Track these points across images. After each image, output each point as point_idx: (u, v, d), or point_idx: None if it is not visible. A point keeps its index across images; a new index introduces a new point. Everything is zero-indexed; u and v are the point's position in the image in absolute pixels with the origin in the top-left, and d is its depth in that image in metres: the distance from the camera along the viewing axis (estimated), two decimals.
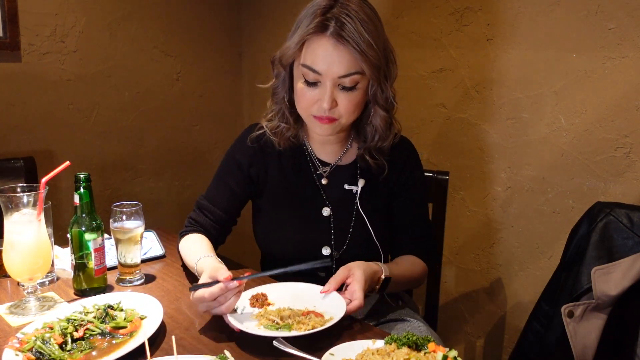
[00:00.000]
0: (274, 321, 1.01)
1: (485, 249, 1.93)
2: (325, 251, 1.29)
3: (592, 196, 1.62)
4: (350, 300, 1.06)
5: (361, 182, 1.29)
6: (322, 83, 1.15)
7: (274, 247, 1.35)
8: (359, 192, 1.29)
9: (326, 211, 1.29)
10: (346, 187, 1.30)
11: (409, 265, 1.30)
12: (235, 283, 0.98)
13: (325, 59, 1.12)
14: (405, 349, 0.87)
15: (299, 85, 1.19)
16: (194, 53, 2.63)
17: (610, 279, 1.14)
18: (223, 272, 0.99)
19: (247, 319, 1.04)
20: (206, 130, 2.75)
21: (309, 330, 0.98)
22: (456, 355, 0.84)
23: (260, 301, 1.10)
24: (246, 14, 2.77)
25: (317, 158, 1.33)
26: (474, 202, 1.94)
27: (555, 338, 1.24)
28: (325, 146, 1.33)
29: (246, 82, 2.86)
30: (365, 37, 1.11)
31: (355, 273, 1.09)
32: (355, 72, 1.14)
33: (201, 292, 0.98)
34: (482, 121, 1.87)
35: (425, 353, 0.86)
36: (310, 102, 1.18)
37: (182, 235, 1.34)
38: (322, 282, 1.30)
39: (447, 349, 0.86)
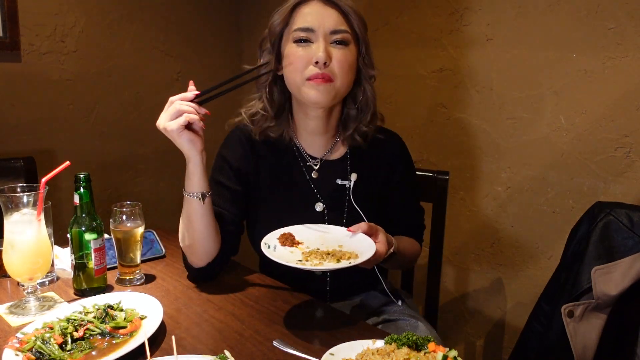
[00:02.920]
0: (322, 257, 1.04)
1: (485, 249, 1.93)
2: None
3: (592, 196, 1.62)
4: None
5: (354, 177, 1.29)
6: (315, 40, 1.18)
7: None
8: (351, 187, 1.28)
9: (319, 206, 1.28)
10: (339, 182, 1.29)
11: (409, 244, 1.34)
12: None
13: (315, 16, 1.18)
14: (405, 349, 0.87)
15: (290, 49, 1.20)
16: (194, 53, 2.63)
17: (610, 279, 1.14)
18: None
19: (287, 256, 1.06)
20: (206, 130, 2.73)
21: (355, 261, 1.02)
22: (456, 355, 0.84)
23: (290, 240, 1.11)
24: (246, 14, 2.78)
25: (305, 152, 1.32)
26: (474, 202, 1.94)
27: (555, 338, 1.24)
28: (314, 138, 1.31)
29: None
30: (349, 2, 1.21)
31: (379, 228, 1.13)
32: (345, 31, 1.19)
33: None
34: (482, 121, 1.87)
35: (425, 353, 0.86)
36: (303, 62, 1.18)
37: None
38: (312, 283, 1.29)
39: (447, 349, 0.86)
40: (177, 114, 1.10)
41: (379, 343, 0.91)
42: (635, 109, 1.52)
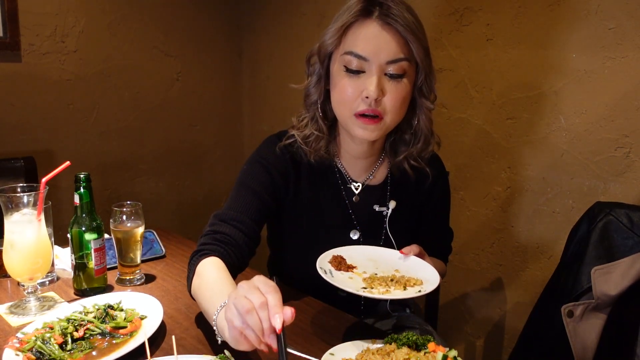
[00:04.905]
0: (386, 283, 0.99)
1: (485, 249, 1.93)
2: None
3: (592, 196, 1.62)
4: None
5: (392, 204, 1.23)
6: (368, 71, 1.06)
7: (299, 268, 1.24)
8: (389, 214, 1.23)
9: (355, 234, 1.23)
10: (376, 208, 1.23)
11: (438, 266, 1.27)
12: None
13: (371, 42, 1.05)
14: (405, 349, 0.87)
15: (340, 78, 1.09)
16: (194, 53, 2.63)
17: (610, 279, 1.14)
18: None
19: (348, 282, 0.99)
20: (206, 130, 2.75)
21: (424, 289, 0.96)
22: (456, 355, 0.84)
23: (344, 265, 1.06)
24: (246, 14, 2.78)
25: (347, 175, 1.25)
26: (474, 202, 1.94)
27: (555, 338, 1.23)
28: (357, 162, 1.24)
29: (246, 82, 2.86)
30: (412, 20, 1.06)
31: (425, 253, 1.11)
32: (403, 59, 1.06)
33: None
34: (482, 121, 1.87)
35: (425, 353, 0.87)
36: (353, 94, 1.07)
37: (202, 256, 1.04)
38: (343, 301, 1.24)
39: (447, 349, 0.86)
40: (243, 326, 0.76)
41: (379, 343, 0.91)
42: (635, 109, 1.52)
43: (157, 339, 0.98)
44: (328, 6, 1.14)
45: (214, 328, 0.87)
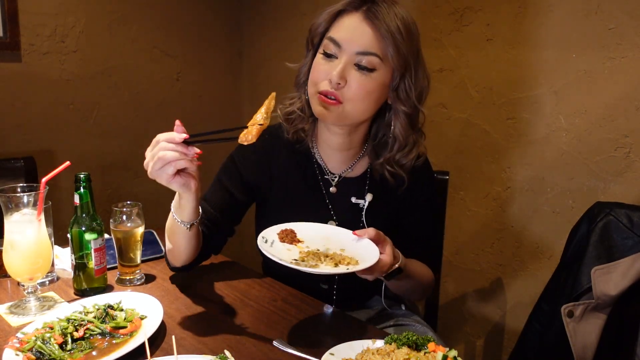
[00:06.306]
0: (319, 258, 1.00)
1: (485, 249, 1.93)
2: None
3: (592, 196, 1.62)
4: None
5: (369, 197, 1.24)
6: (339, 57, 1.12)
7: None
8: (365, 207, 1.24)
9: (332, 224, 1.24)
10: (353, 200, 1.25)
11: (419, 267, 1.27)
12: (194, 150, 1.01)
13: (348, 31, 1.11)
14: (405, 349, 0.87)
15: (317, 60, 1.16)
16: (194, 53, 2.63)
17: (610, 279, 1.14)
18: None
19: (283, 253, 1.02)
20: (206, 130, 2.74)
21: (353, 267, 0.97)
22: (456, 355, 0.84)
23: (289, 237, 1.07)
24: (246, 14, 2.78)
25: (325, 166, 1.28)
26: (474, 202, 1.94)
27: (555, 338, 1.24)
28: (335, 154, 1.27)
29: (246, 82, 2.86)
30: (397, 25, 1.09)
31: (387, 239, 1.08)
32: (374, 54, 1.10)
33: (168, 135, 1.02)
34: (482, 121, 1.87)
35: (425, 353, 0.87)
36: (320, 75, 1.14)
37: None
38: (324, 293, 1.27)
39: (447, 349, 0.86)
40: (163, 163, 0.99)
41: (379, 343, 0.91)
42: (635, 109, 1.52)
43: (157, 339, 0.98)
44: (328, 6, 1.15)
45: (177, 221, 1.12)
